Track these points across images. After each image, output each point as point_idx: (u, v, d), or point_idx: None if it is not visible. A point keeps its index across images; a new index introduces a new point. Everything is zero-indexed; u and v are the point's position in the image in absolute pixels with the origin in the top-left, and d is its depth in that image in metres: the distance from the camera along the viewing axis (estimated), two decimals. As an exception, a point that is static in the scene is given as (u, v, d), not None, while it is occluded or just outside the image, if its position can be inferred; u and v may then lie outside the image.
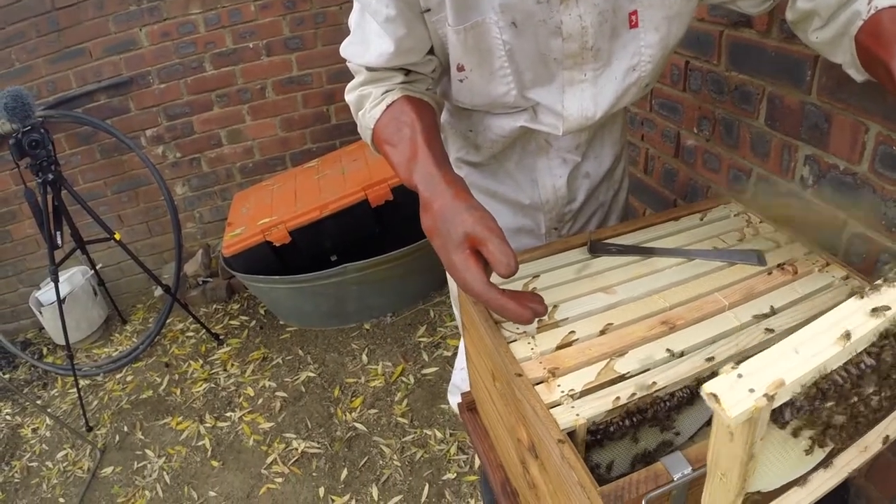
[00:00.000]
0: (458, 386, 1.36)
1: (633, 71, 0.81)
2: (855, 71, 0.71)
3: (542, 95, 0.82)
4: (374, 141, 0.82)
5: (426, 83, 0.84)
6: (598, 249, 0.85)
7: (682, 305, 0.73)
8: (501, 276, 0.63)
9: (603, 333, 0.70)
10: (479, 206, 0.68)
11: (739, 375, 0.41)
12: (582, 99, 0.82)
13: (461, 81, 0.82)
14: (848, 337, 0.42)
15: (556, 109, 0.83)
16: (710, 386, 0.40)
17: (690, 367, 0.64)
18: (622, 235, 0.89)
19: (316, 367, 2.28)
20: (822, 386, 0.43)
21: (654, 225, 0.91)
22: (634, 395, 0.62)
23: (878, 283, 0.46)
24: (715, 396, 0.40)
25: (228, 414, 2.14)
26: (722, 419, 0.40)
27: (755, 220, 0.90)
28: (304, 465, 1.88)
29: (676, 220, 0.93)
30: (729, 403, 0.39)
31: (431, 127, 0.78)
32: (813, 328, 0.44)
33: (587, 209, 1.04)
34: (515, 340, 0.71)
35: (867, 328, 0.43)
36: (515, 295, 0.66)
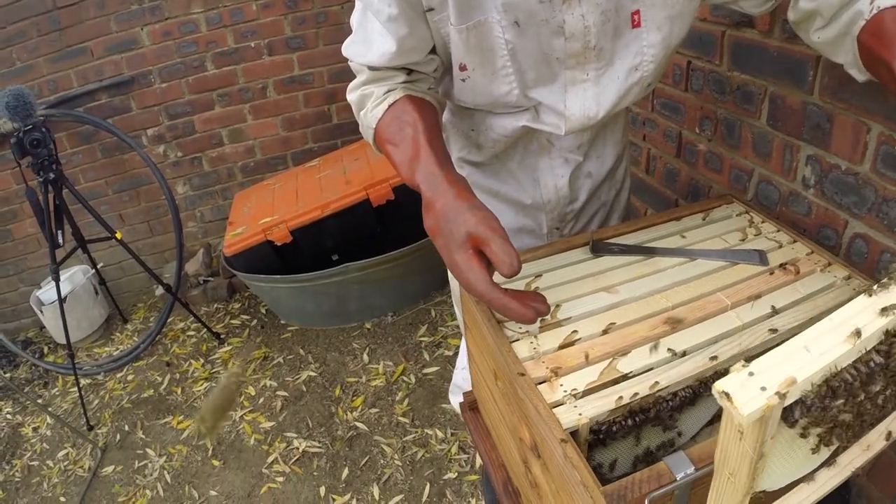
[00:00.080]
0: (459, 385, 1.36)
1: (635, 71, 0.81)
2: (857, 71, 0.71)
3: (544, 95, 0.82)
4: (376, 140, 0.82)
5: (428, 83, 0.84)
6: (600, 249, 0.85)
7: (684, 305, 0.73)
8: (504, 275, 0.63)
9: (605, 333, 0.70)
10: (481, 205, 0.68)
11: (751, 373, 0.40)
12: (584, 98, 0.82)
13: (463, 81, 0.82)
14: (858, 335, 0.42)
15: (558, 109, 0.83)
16: (721, 384, 0.40)
17: (693, 366, 0.64)
18: (624, 235, 0.89)
19: (317, 366, 2.28)
20: (832, 384, 0.43)
21: (655, 225, 0.91)
22: (637, 394, 0.62)
23: (885, 280, 0.46)
24: (727, 394, 0.39)
25: (229, 413, 2.14)
26: (733, 417, 0.40)
27: (757, 219, 0.90)
28: (305, 464, 1.88)
29: (678, 219, 0.93)
30: (741, 402, 0.39)
31: (433, 126, 0.78)
32: (822, 326, 0.43)
33: (589, 209, 1.04)
34: (518, 340, 0.71)
35: (876, 326, 0.43)
36: (518, 294, 0.66)
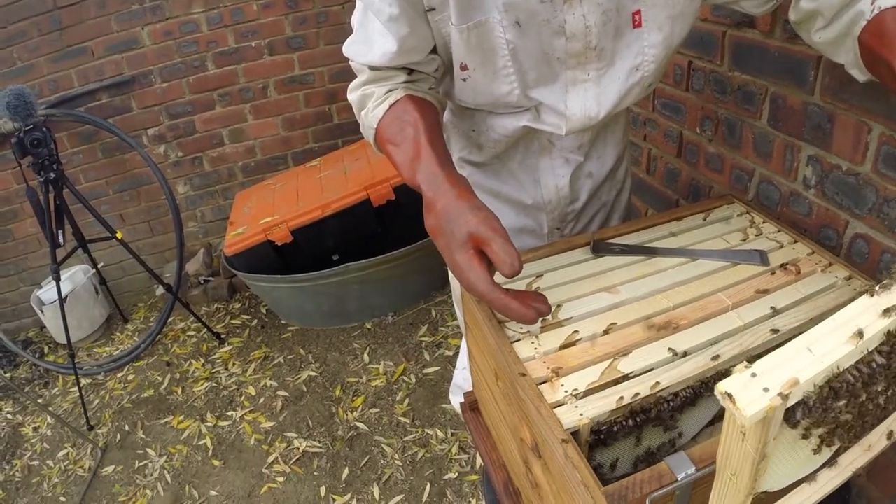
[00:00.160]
0: (459, 386, 1.36)
1: (636, 71, 0.81)
2: (858, 71, 0.71)
3: (545, 95, 0.82)
4: (376, 140, 0.82)
5: (429, 82, 0.84)
6: (601, 249, 0.85)
7: (685, 305, 0.73)
8: (505, 276, 0.63)
9: (606, 333, 0.70)
10: (482, 206, 0.68)
11: (753, 374, 0.40)
12: (585, 99, 0.82)
13: (464, 81, 0.82)
14: (861, 335, 0.42)
15: (559, 109, 0.83)
16: (724, 385, 0.40)
17: (694, 367, 0.64)
18: (625, 235, 0.89)
19: (317, 366, 2.28)
20: (834, 385, 0.43)
21: (656, 225, 0.91)
22: (638, 394, 0.62)
23: (886, 281, 0.46)
24: (729, 396, 0.39)
25: (230, 413, 2.14)
26: (736, 419, 0.39)
27: (758, 219, 0.90)
28: (305, 464, 1.88)
29: (679, 220, 0.93)
30: (743, 403, 0.39)
31: (434, 126, 0.78)
32: (825, 327, 0.43)
33: (590, 209, 1.04)
34: (519, 340, 0.71)
35: (878, 327, 0.43)
36: (519, 294, 0.66)
